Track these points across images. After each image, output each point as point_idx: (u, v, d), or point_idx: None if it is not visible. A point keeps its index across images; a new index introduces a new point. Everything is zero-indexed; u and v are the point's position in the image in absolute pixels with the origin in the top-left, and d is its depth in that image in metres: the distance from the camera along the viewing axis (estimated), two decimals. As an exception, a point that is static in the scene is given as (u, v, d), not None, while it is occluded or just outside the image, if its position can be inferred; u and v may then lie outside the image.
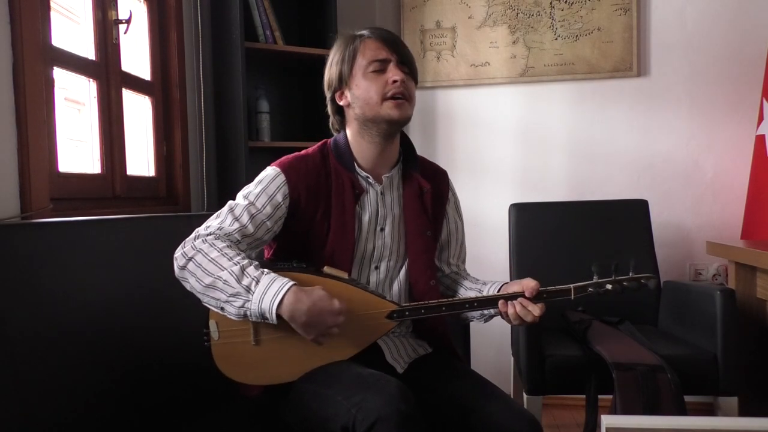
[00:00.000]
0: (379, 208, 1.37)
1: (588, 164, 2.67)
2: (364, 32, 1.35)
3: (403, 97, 1.31)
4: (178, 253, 1.22)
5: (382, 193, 1.38)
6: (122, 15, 1.90)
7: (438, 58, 2.75)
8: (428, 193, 1.40)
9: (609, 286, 1.27)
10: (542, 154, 2.70)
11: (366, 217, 1.35)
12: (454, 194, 1.51)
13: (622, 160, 2.64)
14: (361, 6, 2.79)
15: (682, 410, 1.65)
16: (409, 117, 1.33)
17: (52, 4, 1.58)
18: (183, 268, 1.21)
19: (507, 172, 2.74)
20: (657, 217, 2.46)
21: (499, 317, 1.30)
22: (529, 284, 1.24)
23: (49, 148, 1.51)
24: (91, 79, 1.79)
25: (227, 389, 1.28)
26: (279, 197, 1.28)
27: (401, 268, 1.40)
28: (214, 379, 1.25)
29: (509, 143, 2.73)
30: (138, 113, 2.10)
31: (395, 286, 1.39)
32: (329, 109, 1.41)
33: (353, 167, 1.35)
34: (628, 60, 2.59)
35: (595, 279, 1.28)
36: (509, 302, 1.25)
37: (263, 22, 2.34)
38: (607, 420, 1.08)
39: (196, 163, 2.31)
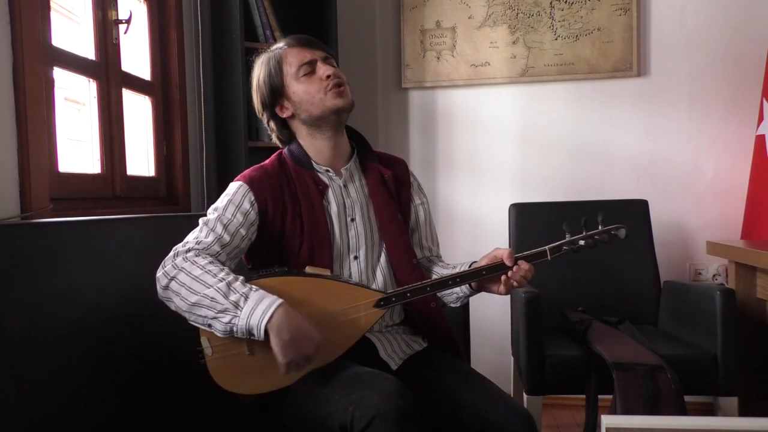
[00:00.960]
0: (345, 200, 1.39)
1: (588, 164, 2.67)
2: (280, 44, 1.42)
3: (342, 85, 1.36)
4: (159, 273, 1.22)
5: (345, 186, 1.40)
6: (122, 15, 1.90)
7: (438, 58, 2.75)
8: (391, 179, 1.45)
9: (582, 242, 1.30)
10: (542, 154, 2.70)
11: (334, 210, 1.37)
12: (416, 178, 1.55)
13: (622, 160, 2.64)
14: (361, 6, 2.79)
15: (682, 410, 1.65)
16: (352, 102, 1.38)
17: (52, 4, 1.58)
18: (166, 288, 1.20)
19: (507, 172, 2.73)
20: (657, 217, 2.46)
21: (467, 299, 1.41)
22: (502, 253, 1.29)
23: (49, 148, 1.51)
24: (91, 79, 1.79)
25: (223, 395, 1.28)
26: (246, 204, 1.31)
27: (380, 254, 1.41)
28: (213, 382, 1.25)
29: (509, 143, 2.73)
30: (138, 113, 2.10)
31: (379, 273, 1.40)
32: (272, 126, 1.46)
33: (311, 166, 1.39)
34: (628, 60, 2.59)
35: (568, 237, 1.30)
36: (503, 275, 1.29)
37: (263, 22, 2.34)
38: (607, 420, 1.08)
39: (196, 163, 2.31)
